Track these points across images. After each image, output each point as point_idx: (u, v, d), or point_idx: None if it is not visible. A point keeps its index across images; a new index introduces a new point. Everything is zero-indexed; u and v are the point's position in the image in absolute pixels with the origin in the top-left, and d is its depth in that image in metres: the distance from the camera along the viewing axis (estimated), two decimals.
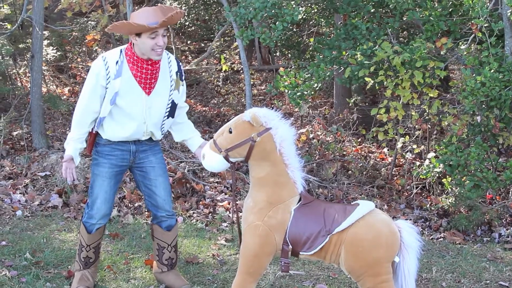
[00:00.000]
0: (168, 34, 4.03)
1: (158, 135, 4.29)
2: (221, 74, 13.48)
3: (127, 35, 4.14)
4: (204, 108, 11.25)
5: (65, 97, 10.76)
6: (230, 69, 13.69)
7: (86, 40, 11.06)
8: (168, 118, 4.25)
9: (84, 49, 12.32)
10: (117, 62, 4.01)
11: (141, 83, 4.04)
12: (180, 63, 4.30)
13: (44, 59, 9.72)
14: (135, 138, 4.21)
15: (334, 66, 6.77)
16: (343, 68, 6.69)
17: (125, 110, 4.08)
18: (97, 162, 4.26)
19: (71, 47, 12.17)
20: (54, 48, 11.39)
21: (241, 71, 13.39)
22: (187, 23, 15.24)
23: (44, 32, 8.31)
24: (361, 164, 7.90)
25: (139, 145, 4.26)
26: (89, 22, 11.39)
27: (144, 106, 4.10)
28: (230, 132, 3.70)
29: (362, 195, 7.04)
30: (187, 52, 15.37)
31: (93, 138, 4.25)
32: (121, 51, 4.06)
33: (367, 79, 6.65)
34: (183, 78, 4.29)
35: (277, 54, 13.21)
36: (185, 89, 4.36)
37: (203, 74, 13.72)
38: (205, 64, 14.42)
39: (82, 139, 4.18)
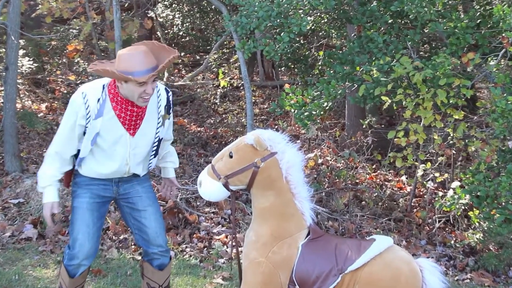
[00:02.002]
0: (158, 77, 4.02)
1: (142, 173, 4.32)
2: (219, 90, 13.53)
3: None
4: (199, 129, 11.27)
5: (42, 114, 10.79)
6: (229, 85, 13.75)
7: (67, 51, 11.08)
8: (154, 157, 4.30)
9: (64, 60, 12.37)
10: (98, 100, 3.97)
11: (125, 124, 4.03)
12: (170, 93, 4.28)
13: (19, 71, 9.77)
14: (115, 177, 4.23)
15: (347, 83, 6.79)
16: (356, 86, 6.72)
17: (106, 151, 4.08)
18: (76, 194, 4.24)
19: (49, 58, 12.21)
20: (31, 59, 11.43)
21: (241, 88, 13.44)
22: (181, 33, 15.32)
23: (19, 40, 8.34)
24: (376, 193, 7.90)
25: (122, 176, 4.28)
26: (71, 30, 11.45)
27: (128, 148, 4.10)
28: (231, 156, 3.72)
29: (378, 229, 7.03)
30: (181, 66, 15.43)
31: (71, 170, 4.25)
32: (103, 87, 4.02)
33: (383, 98, 6.68)
34: (171, 110, 4.29)
35: (282, 69, 13.27)
36: (172, 121, 4.37)
37: (199, 90, 13.76)
38: (201, 79, 14.47)
39: (60, 177, 4.17)
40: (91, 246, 4.21)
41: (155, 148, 4.23)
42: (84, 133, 4.02)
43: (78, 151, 4.12)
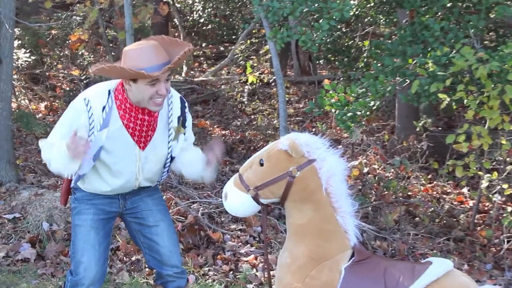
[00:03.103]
0: (171, 78, 4.00)
1: (154, 183, 4.36)
2: (247, 87, 13.56)
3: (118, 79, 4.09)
4: (223, 132, 11.31)
5: (41, 115, 10.89)
6: (258, 81, 13.78)
7: (70, 41, 11.19)
8: (168, 172, 4.36)
9: (66, 52, 12.47)
10: (104, 108, 3.98)
11: (135, 135, 4.05)
12: (186, 104, 4.28)
13: (14, 65, 9.87)
14: (122, 192, 4.27)
15: (397, 78, 6.78)
16: (409, 81, 6.70)
17: (111, 167, 4.10)
18: (78, 210, 4.26)
19: (49, 50, 12.32)
20: (28, 51, 11.54)
21: (273, 84, 13.47)
22: (202, 20, 15.38)
23: (14, 29, 8.40)
24: (432, 208, 7.87)
25: None
26: (74, 17, 11.53)
27: (137, 162, 4.13)
28: (261, 164, 3.73)
29: (434, 250, 7.00)
30: (202, 58, 15.50)
31: (68, 185, 4.29)
32: (109, 93, 4.02)
33: (440, 95, 6.65)
34: (187, 123, 4.28)
35: (321, 61, 13.29)
36: (191, 134, 4.38)
37: (223, 87, 13.82)
38: (226, 74, 14.51)
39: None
40: (98, 270, 4.23)
41: (169, 160, 4.25)
42: None
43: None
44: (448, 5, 7.01)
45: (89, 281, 4.20)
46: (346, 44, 10.29)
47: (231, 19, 15.34)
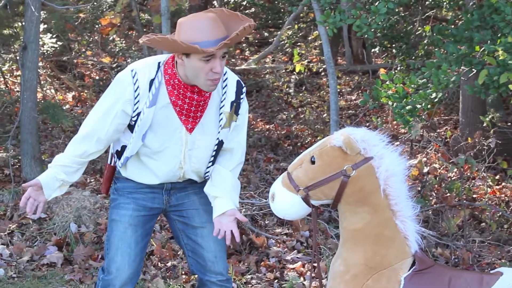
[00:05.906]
0: (227, 55, 3.95)
1: (199, 180, 4.30)
2: (293, 77, 13.55)
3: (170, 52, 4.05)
4: (267, 126, 11.31)
5: (68, 106, 10.98)
6: (306, 70, 13.76)
7: (100, 26, 11.26)
8: (212, 165, 4.24)
9: (96, 38, 12.54)
10: (152, 82, 3.95)
11: (182, 114, 4.01)
12: (244, 89, 4.22)
13: (40, 51, 9.95)
14: (166, 182, 4.24)
15: (462, 67, 6.73)
16: (475, 71, 6.65)
17: (154, 150, 4.08)
18: (116, 204, 4.27)
19: (77, 35, 12.40)
20: (54, 36, 11.61)
21: (323, 73, 13.45)
22: (244, 3, 15.40)
23: (40, 12, 8.42)
24: (500, 213, 7.81)
25: (176, 182, 4.28)
26: None
27: (183, 147, 4.09)
28: (313, 162, 3.71)
29: (503, 260, 6.94)
30: (244, 45, 15.51)
31: (111, 173, 4.30)
32: (158, 66, 4.00)
33: (511, 87, 6.60)
34: (240, 111, 4.21)
35: (376, 49, 13.22)
36: (244, 126, 4.31)
37: (267, 76, 13.82)
38: (270, 63, 14.52)
39: (70, 169, 4.11)
40: (131, 271, 4.24)
41: (215, 151, 4.19)
42: (131, 126, 4.01)
43: (122, 148, 4.12)
44: None
45: (121, 282, 4.22)
46: (404, 29, 10.22)
47: (276, 2, 15.31)
